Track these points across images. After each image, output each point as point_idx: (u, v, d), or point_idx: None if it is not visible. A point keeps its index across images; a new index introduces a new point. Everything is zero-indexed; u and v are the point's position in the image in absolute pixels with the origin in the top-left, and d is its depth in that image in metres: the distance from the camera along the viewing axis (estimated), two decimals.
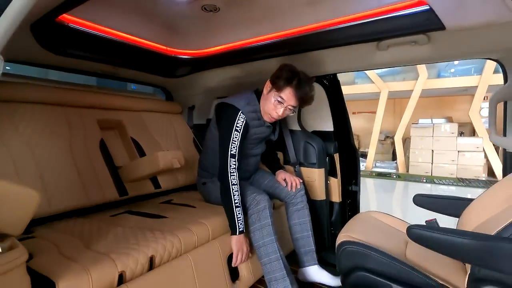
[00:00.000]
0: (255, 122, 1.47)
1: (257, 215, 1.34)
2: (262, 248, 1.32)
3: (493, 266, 0.86)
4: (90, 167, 1.38)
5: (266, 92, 1.45)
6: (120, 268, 0.90)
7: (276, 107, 1.41)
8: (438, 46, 1.25)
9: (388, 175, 6.47)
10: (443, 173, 6.25)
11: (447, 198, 1.41)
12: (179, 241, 1.10)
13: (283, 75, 1.37)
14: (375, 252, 1.11)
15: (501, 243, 0.84)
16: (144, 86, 2.31)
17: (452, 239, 0.91)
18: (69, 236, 1.10)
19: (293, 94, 1.38)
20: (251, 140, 1.51)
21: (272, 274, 1.30)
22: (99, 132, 1.54)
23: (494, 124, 1.45)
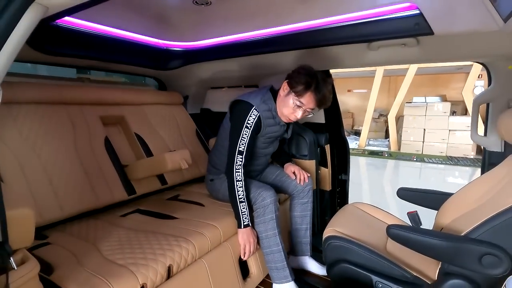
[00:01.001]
0: (270, 121, 1.44)
1: (263, 209, 1.38)
2: (265, 240, 1.39)
3: (459, 264, 0.97)
4: (97, 167, 1.37)
5: (283, 94, 1.41)
6: (142, 281, 0.90)
7: (296, 111, 1.39)
8: (427, 49, 1.28)
9: (380, 154, 6.62)
10: (434, 152, 6.42)
11: (428, 192, 1.50)
12: (194, 247, 1.12)
13: (302, 80, 1.34)
14: (357, 246, 1.22)
15: (468, 244, 0.93)
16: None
17: (426, 240, 1.01)
18: (84, 242, 1.12)
19: (313, 98, 1.36)
20: (264, 140, 1.49)
21: (274, 264, 1.39)
22: (103, 130, 1.50)
23: (476, 124, 1.51)
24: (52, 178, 1.20)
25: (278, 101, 1.45)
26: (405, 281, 1.11)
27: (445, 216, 1.33)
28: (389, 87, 8.06)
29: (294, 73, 1.39)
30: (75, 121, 1.40)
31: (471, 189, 1.29)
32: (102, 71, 2.18)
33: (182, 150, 1.47)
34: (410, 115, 6.61)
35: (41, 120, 1.28)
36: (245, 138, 1.37)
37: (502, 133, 1.19)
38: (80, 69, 1.82)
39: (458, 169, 5.53)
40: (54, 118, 1.33)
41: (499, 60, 1.31)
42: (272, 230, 1.38)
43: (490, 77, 1.38)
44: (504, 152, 1.39)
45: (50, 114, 1.32)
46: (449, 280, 1.01)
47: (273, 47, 1.64)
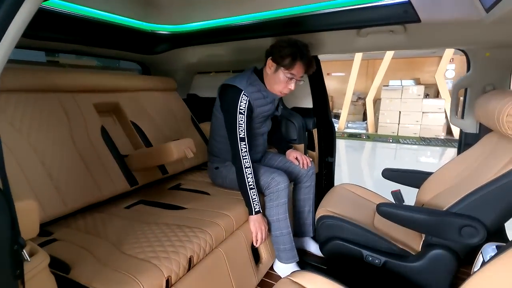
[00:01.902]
0: (260, 101, 1.46)
1: (277, 194, 1.40)
2: (276, 223, 1.42)
3: (442, 235, 1.08)
4: (96, 158, 1.31)
5: (271, 72, 1.42)
6: (166, 274, 0.89)
7: (288, 84, 1.41)
8: (413, 36, 1.34)
9: (359, 136, 6.86)
10: (408, 133, 6.75)
11: (410, 172, 1.62)
12: (211, 237, 1.12)
13: (287, 52, 1.35)
14: (348, 224, 1.31)
15: (449, 217, 1.04)
16: None
17: (412, 215, 1.10)
18: (95, 237, 1.08)
19: (302, 66, 1.39)
20: (257, 120, 1.51)
21: (283, 245, 1.44)
22: (98, 118, 1.43)
23: (455, 107, 1.62)
24: (51, 172, 1.14)
25: (266, 80, 1.46)
26: (392, 253, 1.22)
27: (426, 193, 1.44)
28: (367, 71, 8.26)
29: (275, 48, 1.39)
30: (68, 110, 1.32)
31: (449, 168, 1.41)
32: (72, 55, 2.06)
33: (186, 139, 1.44)
34: (387, 98, 6.85)
35: (32, 110, 1.20)
36: (242, 124, 1.38)
37: (478, 116, 1.29)
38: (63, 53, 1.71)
39: (430, 149, 5.88)
40: (46, 107, 1.25)
41: (479, 47, 1.40)
42: (283, 213, 1.43)
43: (469, 64, 1.48)
44: (479, 133, 1.51)
45: (42, 103, 1.24)
46: (431, 250, 1.12)
47: (263, 32, 1.64)
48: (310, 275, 0.86)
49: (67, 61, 2.70)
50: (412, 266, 1.16)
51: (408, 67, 7.74)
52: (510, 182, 0.97)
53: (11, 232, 0.55)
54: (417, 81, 7.18)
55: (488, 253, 0.95)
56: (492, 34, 1.20)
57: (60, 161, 1.19)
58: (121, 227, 1.15)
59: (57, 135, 1.23)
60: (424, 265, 1.13)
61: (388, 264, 1.20)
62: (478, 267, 0.98)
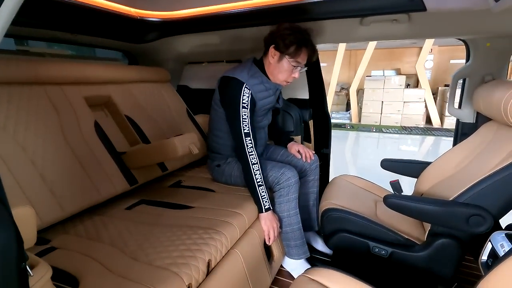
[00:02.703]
0: (263, 93, 1.41)
1: (287, 189, 1.37)
2: (287, 218, 1.40)
3: (448, 225, 1.09)
4: (92, 156, 1.22)
5: (274, 61, 1.37)
6: (187, 282, 0.84)
7: (294, 72, 1.38)
8: (417, 25, 1.32)
9: (343, 126, 6.97)
10: (390, 122, 6.93)
11: (409, 162, 1.63)
12: (226, 238, 1.07)
13: (293, 40, 1.30)
14: (354, 216, 1.31)
15: (457, 207, 1.05)
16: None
17: (420, 206, 1.11)
18: (99, 243, 1.00)
19: (307, 53, 1.36)
20: (259, 113, 1.46)
21: (294, 241, 1.42)
22: (90, 113, 1.33)
23: (453, 97, 1.64)
24: (44, 173, 1.03)
25: (269, 70, 1.41)
26: (398, 243, 1.23)
27: (425, 183, 1.46)
28: (350, 61, 8.34)
29: (277, 36, 1.33)
30: (58, 104, 1.20)
31: (448, 158, 1.43)
32: (43, 42, 1.89)
33: (189, 134, 1.36)
34: (369, 88, 6.97)
35: (18, 105, 1.07)
36: (246, 118, 1.33)
37: (480, 105, 1.31)
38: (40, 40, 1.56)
39: (411, 137, 6.08)
40: (32, 101, 1.12)
41: (481, 37, 1.42)
42: (294, 209, 1.40)
43: (469, 54, 1.50)
44: (476, 123, 1.55)
45: (27, 97, 1.11)
46: (438, 239, 1.14)
47: (260, 20, 1.57)
48: (326, 271, 0.84)
49: (37, 50, 2.49)
50: (419, 256, 1.17)
51: (389, 57, 7.88)
52: None
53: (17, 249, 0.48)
54: (398, 71, 7.34)
55: (498, 242, 0.97)
56: (498, 24, 1.21)
57: (52, 161, 1.08)
58: (125, 230, 1.06)
59: (47, 132, 1.12)
60: (431, 254, 1.15)
61: (395, 254, 1.21)
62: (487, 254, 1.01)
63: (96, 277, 0.82)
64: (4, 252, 0.43)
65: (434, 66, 7.45)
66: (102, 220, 1.15)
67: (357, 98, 7.49)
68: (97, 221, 1.15)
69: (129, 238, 1.01)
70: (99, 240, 1.02)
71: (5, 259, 0.43)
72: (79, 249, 0.96)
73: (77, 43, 1.70)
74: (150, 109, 1.69)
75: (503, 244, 0.94)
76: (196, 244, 0.98)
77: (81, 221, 1.15)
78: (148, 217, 1.19)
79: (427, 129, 6.49)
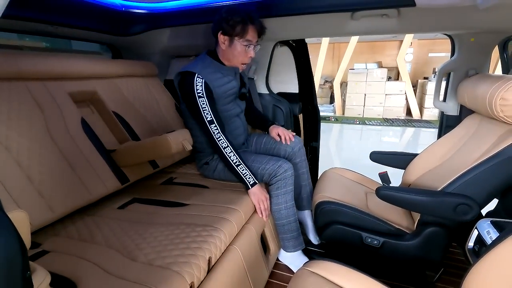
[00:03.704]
0: (221, 80, 1.44)
1: (284, 181, 1.39)
2: (284, 211, 1.41)
3: (437, 214, 1.14)
4: (80, 155, 1.17)
5: (226, 47, 1.41)
6: (189, 280, 0.83)
7: (248, 51, 1.42)
8: (406, 20, 1.35)
9: (327, 119, 7.08)
10: (372, 115, 7.10)
11: (396, 154, 1.68)
12: (225, 235, 1.06)
13: (237, 20, 1.35)
14: (347, 208, 1.34)
15: (446, 197, 1.10)
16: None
17: (411, 197, 1.15)
18: (93, 245, 0.96)
19: (254, 29, 1.40)
20: (225, 100, 1.48)
21: (290, 233, 1.43)
22: (76, 109, 1.27)
23: (439, 91, 1.70)
24: (31, 174, 0.98)
25: (224, 57, 1.46)
26: (389, 233, 1.28)
27: (412, 174, 1.52)
28: (333, 54, 8.43)
29: (222, 21, 1.37)
30: (41, 101, 1.14)
31: (434, 149, 1.49)
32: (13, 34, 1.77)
33: (182, 130, 1.34)
34: (353, 81, 7.08)
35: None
36: (205, 106, 1.35)
37: (464, 99, 1.37)
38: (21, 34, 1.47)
39: (392, 129, 6.27)
40: (14, 98, 1.05)
41: (466, 33, 1.47)
42: (291, 200, 1.43)
43: (454, 49, 1.55)
44: (459, 115, 1.61)
45: (8, 94, 1.04)
46: (427, 228, 1.19)
47: None
48: (326, 263, 0.85)
49: (6, 42, 2.33)
50: (409, 244, 1.22)
51: (371, 50, 8.03)
52: (499, 163, 1.04)
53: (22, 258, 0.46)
54: (379, 64, 7.50)
55: (484, 229, 1.03)
56: (482, 20, 1.25)
57: (39, 161, 1.02)
58: (120, 230, 1.03)
59: (32, 131, 1.06)
60: (420, 242, 1.20)
61: (387, 244, 1.26)
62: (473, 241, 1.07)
63: (95, 279, 0.80)
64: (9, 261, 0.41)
65: (414, 59, 7.66)
66: (94, 221, 1.12)
67: (341, 91, 7.61)
68: (89, 221, 1.11)
69: (125, 238, 0.98)
70: (93, 241, 0.98)
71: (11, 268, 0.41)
72: (72, 251, 0.93)
73: (58, 36, 1.61)
74: (138, 104, 1.63)
75: (489, 231, 1.00)
76: (195, 242, 0.96)
77: (72, 222, 1.11)
78: (143, 216, 1.16)
79: (407, 120, 6.70)
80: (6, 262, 0.41)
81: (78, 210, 1.14)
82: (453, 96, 1.59)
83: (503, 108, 1.04)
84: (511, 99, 1.01)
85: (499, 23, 1.30)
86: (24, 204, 0.93)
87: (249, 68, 1.91)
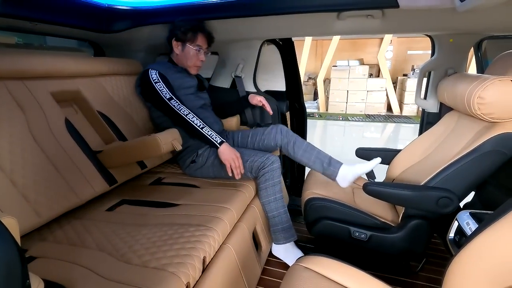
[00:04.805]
0: (175, 74, 1.57)
1: (272, 173, 1.42)
2: (273, 203, 1.44)
3: (421, 207, 1.20)
4: (65, 156, 1.13)
5: (179, 51, 1.59)
6: (185, 281, 0.82)
7: (198, 55, 1.59)
8: (390, 21, 1.39)
9: (312, 115, 7.17)
10: (355, 111, 7.27)
11: (380, 150, 1.74)
12: (218, 234, 1.06)
13: (188, 27, 1.53)
14: (335, 204, 1.38)
15: (428, 191, 1.16)
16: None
17: (397, 192, 1.20)
18: (84, 249, 0.94)
19: (204, 37, 1.58)
20: (183, 91, 1.57)
21: (281, 225, 1.45)
22: (59, 110, 1.23)
23: (420, 89, 1.77)
24: (14, 178, 0.94)
25: (179, 61, 1.63)
26: (376, 227, 1.33)
27: (395, 169, 1.58)
28: (316, 51, 8.52)
29: (174, 29, 1.56)
30: (22, 101, 1.08)
31: (416, 145, 1.55)
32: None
33: (171, 129, 1.32)
34: (336, 77, 7.21)
35: None
36: (163, 88, 1.47)
37: (444, 97, 1.43)
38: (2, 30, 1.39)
39: (374, 125, 6.45)
40: None
41: (446, 34, 1.53)
42: (279, 192, 1.45)
43: (434, 49, 1.61)
44: (439, 113, 1.69)
45: None
46: (411, 221, 1.25)
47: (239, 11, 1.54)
48: (320, 259, 0.87)
49: None
50: (394, 237, 1.28)
51: (353, 47, 8.18)
52: (477, 158, 1.11)
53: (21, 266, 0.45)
54: (361, 61, 7.66)
55: (464, 220, 1.09)
56: (461, 22, 1.31)
57: (22, 164, 0.98)
58: (111, 233, 1.01)
59: (13, 133, 1.01)
60: (405, 234, 1.26)
61: (373, 237, 1.31)
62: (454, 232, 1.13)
63: (89, 284, 0.78)
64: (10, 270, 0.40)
65: (393, 57, 7.89)
66: (83, 224, 1.09)
67: (324, 87, 7.72)
68: (77, 225, 1.08)
69: (117, 241, 0.96)
70: (83, 245, 0.96)
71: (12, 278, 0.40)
72: (62, 256, 0.90)
73: (37, 33, 1.54)
74: (124, 103, 1.59)
75: (468, 222, 1.06)
76: (189, 242, 0.96)
77: (59, 227, 1.07)
78: (133, 217, 1.15)
79: (388, 116, 6.91)
80: (7, 270, 0.40)
81: (65, 214, 1.11)
82: (434, 94, 1.66)
83: (480, 106, 1.10)
84: (487, 97, 1.07)
85: (475, 25, 1.37)
86: (8, 210, 0.89)
87: (236, 66, 1.92)
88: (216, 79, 2.04)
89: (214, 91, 2.01)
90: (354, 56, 8.02)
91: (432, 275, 1.45)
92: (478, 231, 0.65)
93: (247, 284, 1.17)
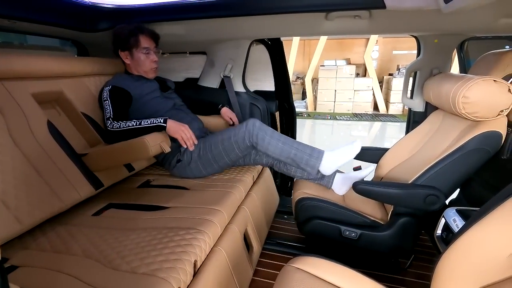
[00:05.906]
0: (137, 83, 1.53)
1: (261, 132, 1.39)
2: (282, 146, 1.38)
3: (409, 205, 1.22)
4: (48, 160, 1.09)
5: (130, 60, 1.56)
6: (176, 286, 0.80)
7: (149, 57, 1.54)
8: (377, 22, 1.41)
9: (300, 114, 7.22)
10: (342, 110, 7.35)
11: (369, 149, 1.76)
12: (209, 236, 1.04)
13: (126, 33, 1.50)
14: (326, 203, 1.38)
15: (416, 189, 1.18)
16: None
17: (386, 191, 1.21)
18: (70, 257, 0.90)
19: (148, 37, 1.54)
20: (147, 96, 1.53)
21: (302, 158, 1.39)
22: (41, 111, 1.19)
23: (406, 89, 1.80)
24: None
25: (133, 69, 1.59)
26: (365, 225, 1.34)
27: (383, 168, 1.60)
28: (304, 51, 8.57)
29: (115, 40, 1.54)
30: (1, 103, 1.04)
31: (403, 144, 1.58)
32: None
33: (159, 132, 1.29)
34: (324, 77, 7.27)
35: None
36: (107, 106, 1.39)
37: (429, 96, 1.46)
38: None
39: (361, 123, 6.55)
40: None
41: (431, 34, 1.56)
42: (282, 136, 1.42)
43: (419, 49, 1.64)
44: (425, 112, 1.72)
45: None
46: (400, 219, 1.27)
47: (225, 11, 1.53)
48: (312, 259, 0.87)
49: None
50: (384, 235, 1.29)
51: (340, 47, 8.26)
52: (462, 156, 1.13)
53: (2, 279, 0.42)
54: (348, 61, 7.76)
55: (451, 217, 1.12)
56: (446, 23, 1.34)
57: (1, 168, 0.94)
58: (98, 238, 0.98)
59: None
60: (394, 232, 1.28)
61: (363, 235, 1.32)
62: (441, 228, 1.16)
63: None
64: None
65: (379, 56, 8.02)
66: (68, 230, 1.05)
67: (312, 87, 7.78)
68: (62, 231, 1.04)
69: (104, 247, 0.93)
70: (68, 252, 0.92)
71: None
72: (46, 265, 0.86)
73: (16, 31, 1.48)
74: None
75: (455, 219, 1.09)
76: (180, 246, 0.94)
77: (43, 234, 1.03)
78: (120, 222, 1.11)
79: (374, 115, 7.03)
80: None
81: (49, 220, 1.07)
82: (420, 94, 1.70)
83: (464, 105, 1.12)
84: (471, 97, 1.10)
85: (459, 26, 1.40)
86: None
87: (225, 66, 1.90)
88: (205, 79, 2.01)
89: (203, 91, 1.99)
90: (341, 56, 8.10)
91: (420, 271, 1.48)
92: (464, 229, 0.66)
93: (239, 286, 1.15)
